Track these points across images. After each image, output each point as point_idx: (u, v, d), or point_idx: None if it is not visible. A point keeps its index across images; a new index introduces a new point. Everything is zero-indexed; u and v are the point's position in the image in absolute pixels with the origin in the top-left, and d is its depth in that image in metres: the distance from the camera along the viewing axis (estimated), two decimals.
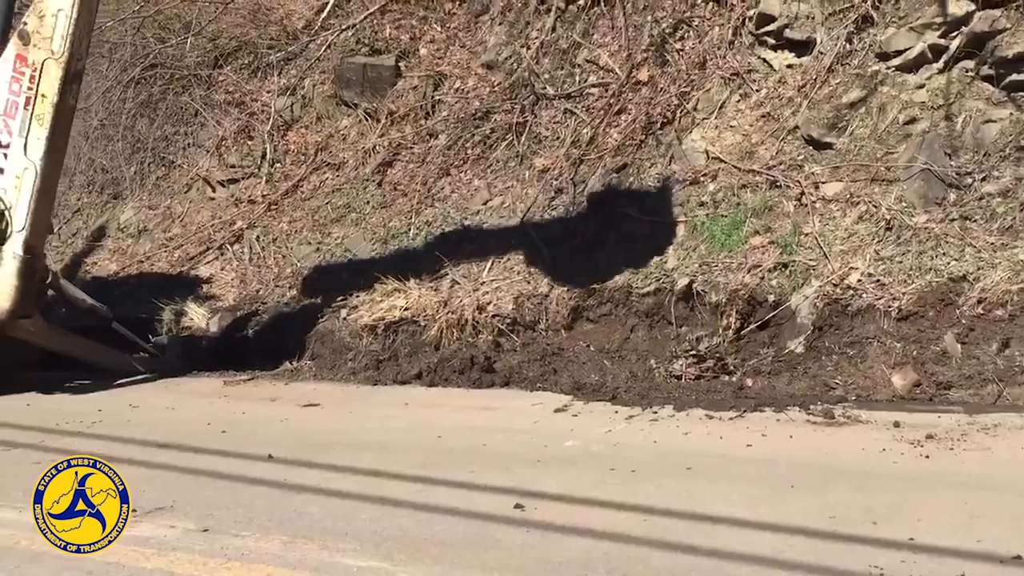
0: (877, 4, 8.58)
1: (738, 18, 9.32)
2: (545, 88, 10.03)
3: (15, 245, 8.07)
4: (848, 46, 8.66)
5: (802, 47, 8.93)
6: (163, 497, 5.55)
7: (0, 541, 5.04)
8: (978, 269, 7.22)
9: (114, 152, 12.18)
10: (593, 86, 9.89)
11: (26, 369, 9.09)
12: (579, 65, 10.10)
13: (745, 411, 6.68)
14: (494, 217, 9.51)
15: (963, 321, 7.03)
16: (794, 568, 4.14)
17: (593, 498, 5.14)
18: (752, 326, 7.73)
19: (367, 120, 10.90)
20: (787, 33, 8.98)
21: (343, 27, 11.52)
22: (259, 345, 9.40)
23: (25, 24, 7.91)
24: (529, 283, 8.72)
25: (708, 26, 9.57)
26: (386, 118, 10.72)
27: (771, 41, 9.10)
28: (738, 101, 9.10)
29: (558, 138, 9.72)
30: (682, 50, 9.61)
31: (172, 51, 12.23)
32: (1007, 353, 6.79)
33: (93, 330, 9.19)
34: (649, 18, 9.80)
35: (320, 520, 5.07)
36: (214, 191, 11.40)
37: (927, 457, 5.56)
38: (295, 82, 11.53)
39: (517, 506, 5.06)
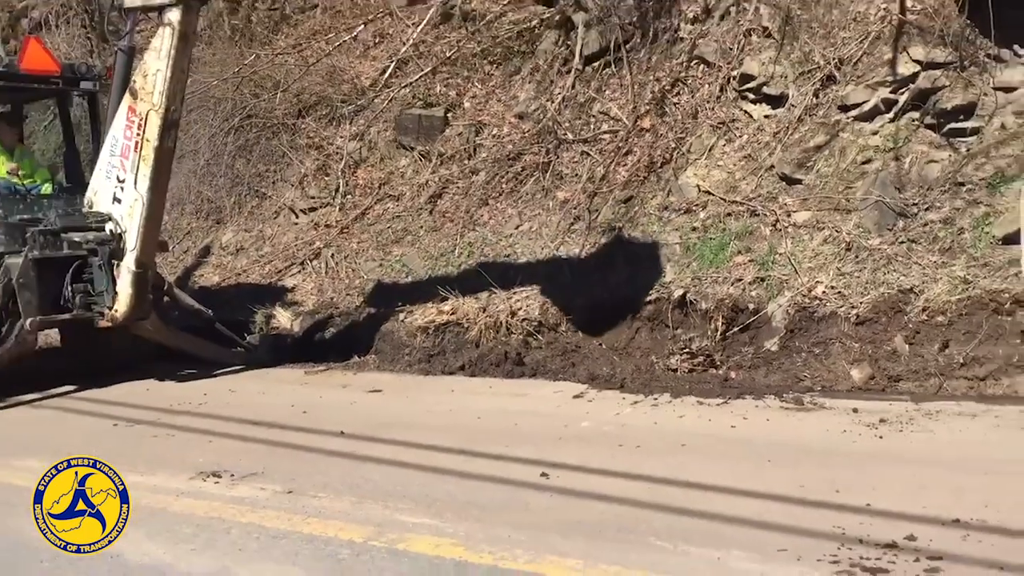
0: (839, 66, 8.50)
1: (724, 77, 9.26)
2: (566, 134, 10.00)
3: (129, 262, 8.10)
4: (815, 100, 8.59)
5: (777, 101, 8.87)
6: (255, 465, 5.58)
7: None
8: (923, 283, 7.13)
9: (217, 186, 12.24)
10: (605, 132, 9.85)
11: (146, 361, 9.18)
12: (594, 115, 10.06)
13: (729, 399, 6.62)
14: (524, 240, 9.48)
15: (910, 325, 6.95)
16: (772, 528, 4.11)
17: (605, 469, 5.12)
18: (735, 329, 7.66)
19: (421, 160, 10.89)
20: (765, 89, 8.92)
21: (402, 85, 11.53)
22: (333, 342, 9.40)
23: (134, 81, 7.95)
24: (552, 293, 8.67)
25: (699, 84, 9.51)
26: (436, 158, 10.70)
27: (751, 96, 9.04)
28: (724, 145, 9.04)
29: (576, 175, 9.68)
30: (678, 103, 9.56)
31: (264, 104, 12.28)
32: (947, 352, 6.70)
33: (199, 329, 9.23)
34: (651, 77, 9.76)
35: (382, 485, 5.08)
36: (297, 217, 11.43)
37: (881, 438, 5.50)
38: (363, 129, 11.55)
39: (543, 475, 5.05)
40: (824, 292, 7.43)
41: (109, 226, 8.15)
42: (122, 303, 8.11)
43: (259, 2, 8.90)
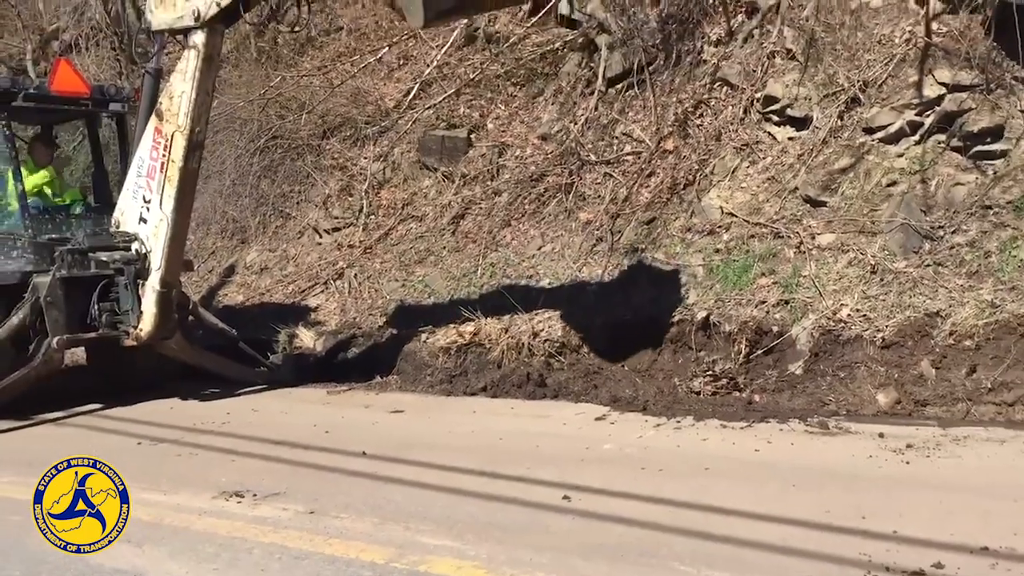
0: (864, 88, 8.48)
1: (748, 99, 9.27)
2: (589, 155, 10.02)
3: (154, 281, 8.18)
4: (839, 122, 8.57)
5: (801, 123, 8.85)
6: (278, 485, 5.60)
7: (147, 518, 5.10)
8: (949, 307, 7.07)
9: (243, 206, 12.35)
10: (628, 154, 9.87)
11: (170, 379, 9.24)
12: (617, 137, 10.08)
13: (753, 422, 6.58)
14: (546, 261, 9.49)
15: (937, 350, 6.88)
16: (796, 554, 4.07)
17: (627, 492, 5.09)
18: (759, 352, 7.62)
19: (444, 181, 10.95)
20: (789, 111, 8.91)
21: (426, 107, 11.61)
22: (355, 362, 9.43)
23: (160, 103, 8.06)
24: (574, 314, 8.67)
25: (723, 106, 9.52)
26: (459, 179, 10.76)
27: (775, 118, 9.03)
28: (748, 167, 9.03)
29: (599, 196, 9.69)
30: (701, 125, 9.57)
31: (290, 125, 12.40)
32: (974, 377, 6.63)
33: (223, 348, 9.30)
34: (674, 99, 9.78)
35: (404, 506, 5.08)
36: (321, 237, 11.50)
37: (907, 463, 5.44)
38: (387, 150, 11.63)
39: (564, 497, 5.03)
40: (849, 315, 7.38)
41: (135, 246, 8.25)
42: (147, 322, 8.19)
43: (285, 24, 9.01)
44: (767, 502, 4.78)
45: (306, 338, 9.89)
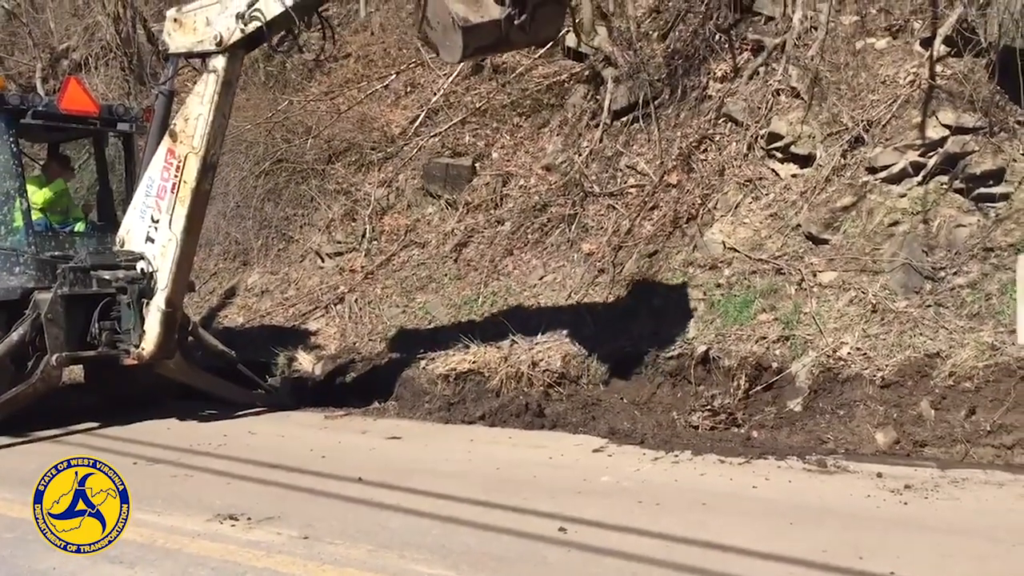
0: (867, 128, 8.55)
1: (752, 136, 9.33)
2: (592, 187, 10.08)
3: (159, 300, 8.19)
4: (843, 161, 8.63)
5: (804, 160, 8.91)
6: (272, 508, 5.58)
7: (140, 539, 5.08)
8: (950, 348, 7.08)
9: (245, 228, 12.39)
10: (631, 187, 9.93)
11: (167, 399, 9.23)
12: (621, 169, 10.14)
13: (751, 458, 6.57)
14: (548, 291, 9.52)
15: (936, 390, 6.88)
16: None
17: (624, 525, 5.08)
18: (758, 388, 7.62)
19: (448, 208, 11.01)
20: (792, 149, 8.97)
21: (431, 134, 11.70)
22: (354, 387, 9.43)
23: (174, 124, 8.11)
24: (574, 345, 8.69)
25: (727, 141, 9.59)
26: (463, 207, 10.81)
27: (779, 155, 9.09)
28: (750, 203, 9.08)
29: (602, 228, 9.74)
30: (705, 160, 9.63)
31: (295, 149, 12.47)
32: (974, 419, 6.63)
33: (222, 370, 9.29)
34: (679, 133, 9.86)
35: (399, 533, 5.06)
36: (323, 262, 11.54)
37: (905, 504, 5.43)
38: (391, 176, 11.69)
39: (561, 529, 5.02)
40: (849, 353, 7.39)
41: (141, 265, 8.27)
42: (149, 341, 8.19)
43: (306, 52, 9.13)
44: (764, 539, 4.76)
45: (305, 362, 9.89)
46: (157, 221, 8.19)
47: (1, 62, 17.13)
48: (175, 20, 8.05)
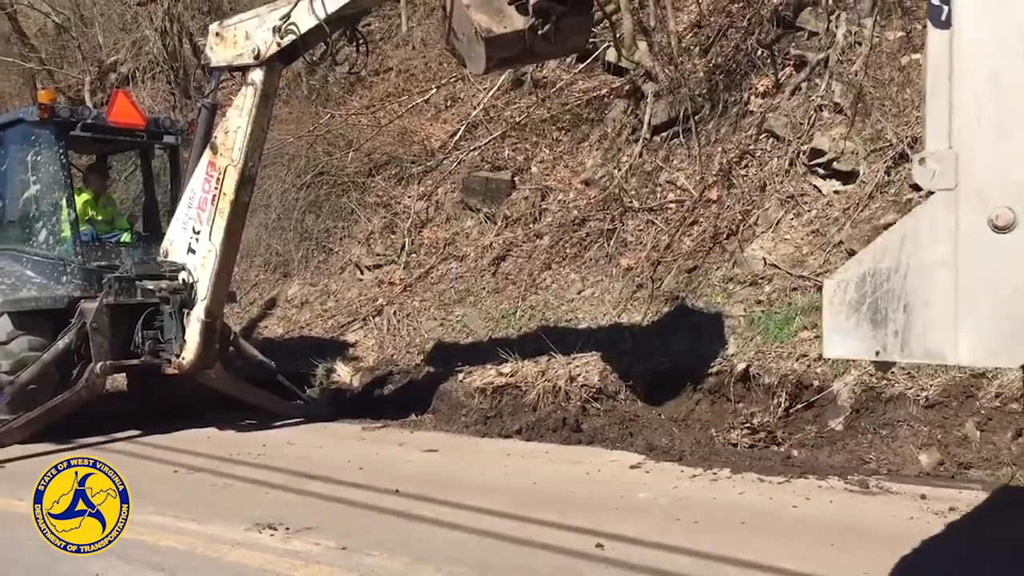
0: (912, 144, 8.45)
1: (794, 151, 9.27)
2: (632, 202, 10.07)
3: (199, 311, 8.31)
4: (887, 177, 8.53)
5: (847, 177, 8.83)
6: (311, 519, 5.62)
7: (181, 547, 5.15)
8: (995, 369, 6.94)
9: (286, 240, 12.54)
10: (671, 202, 9.90)
11: (207, 408, 9.34)
12: (660, 184, 10.13)
13: (792, 477, 6.49)
14: (586, 305, 9.51)
15: (982, 411, 6.76)
16: None
17: (661, 543, 5.04)
18: (799, 406, 7.54)
19: (486, 222, 11.06)
20: (835, 165, 8.89)
21: (471, 148, 11.77)
22: (391, 399, 9.48)
23: (215, 137, 8.25)
24: (612, 360, 8.66)
25: (768, 157, 9.53)
26: (502, 221, 10.85)
27: (821, 171, 9.02)
28: (792, 219, 9.01)
29: (641, 243, 9.72)
30: (746, 175, 9.58)
31: (336, 162, 12.62)
32: (1020, 440, 6.50)
33: (261, 380, 9.39)
34: (719, 149, 9.82)
35: (436, 546, 5.08)
36: (362, 274, 11.63)
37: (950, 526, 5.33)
38: (431, 190, 11.78)
39: (598, 545, 5.00)
40: (892, 373, 7.28)
41: (182, 275, 8.39)
42: (190, 351, 8.31)
43: (343, 65, 9.28)
44: (804, 560, 4.70)
45: (343, 373, 9.97)
46: (198, 232, 8.32)
47: (51, 75, 17.53)
48: (217, 34, 8.21)
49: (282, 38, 7.66)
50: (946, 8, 3.07)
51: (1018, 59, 2.95)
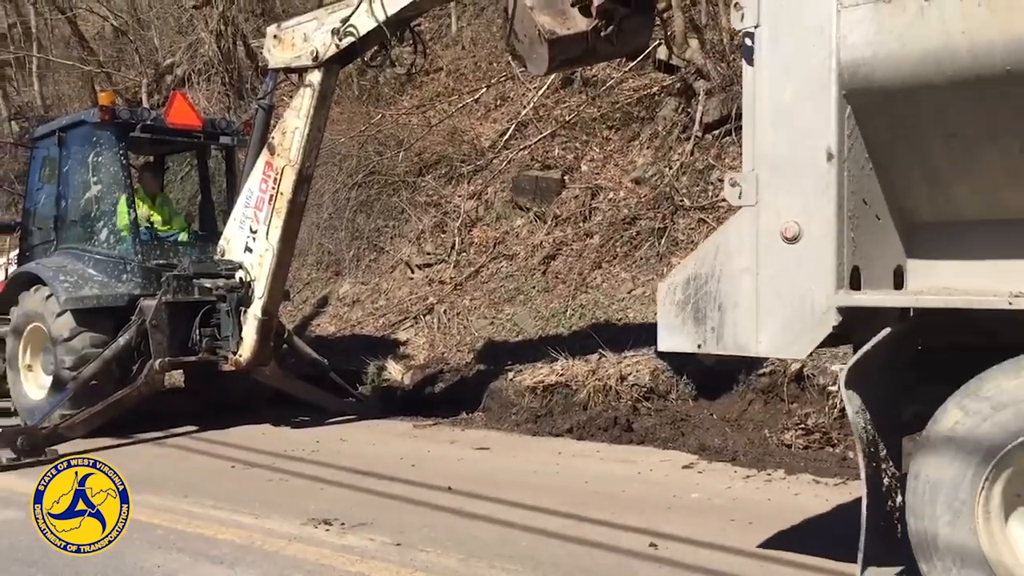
0: None
1: None
2: (683, 200, 10.02)
3: (256, 309, 8.44)
4: None
5: None
6: (365, 515, 5.68)
7: (239, 540, 5.23)
8: None
9: (338, 239, 12.68)
10: (723, 200, 9.80)
11: (261, 404, 9.48)
12: (712, 183, 10.04)
13: (848, 479, 6.39)
14: (636, 304, 9.47)
15: None
16: None
17: (716, 543, 5.01)
18: None
19: (536, 221, 11.07)
20: None
21: (521, 147, 11.80)
22: (442, 397, 9.53)
23: (272, 138, 8.37)
24: (663, 360, 8.61)
25: None
26: (552, 220, 10.86)
27: None
28: None
29: (692, 242, 9.64)
30: None
31: (387, 162, 12.73)
32: None
33: (314, 378, 9.51)
34: None
35: (489, 543, 5.10)
36: (413, 273, 11.71)
37: None
38: (481, 189, 11.82)
39: (651, 545, 4.98)
40: None
41: (239, 274, 8.53)
42: (246, 348, 8.44)
43: (387, 64, 9.37)
44: None
45: (394, 371, 10.04)
46: (255, 231, 8.44)
47: (109, 77, 17.93)
48: (275, 36, 8.33)
49: (341, 40, 7.75)
50: (753, 47, 3.65)
51: (802, 93, 3.53)
